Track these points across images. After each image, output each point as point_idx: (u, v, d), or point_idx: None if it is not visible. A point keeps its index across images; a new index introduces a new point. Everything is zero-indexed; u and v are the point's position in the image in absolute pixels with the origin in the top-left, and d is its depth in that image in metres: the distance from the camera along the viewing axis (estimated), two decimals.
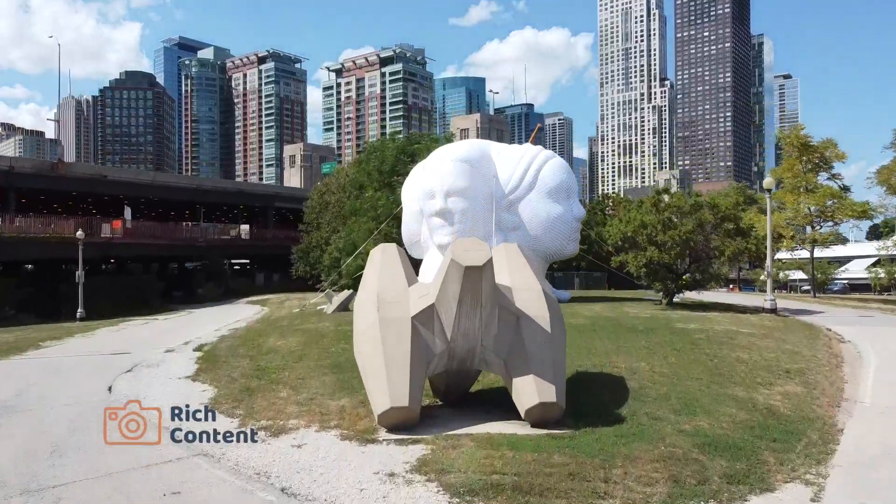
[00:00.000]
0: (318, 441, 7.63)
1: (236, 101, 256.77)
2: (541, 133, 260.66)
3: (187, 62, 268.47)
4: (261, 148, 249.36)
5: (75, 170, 50.90)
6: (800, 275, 46.85)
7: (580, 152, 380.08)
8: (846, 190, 29.49)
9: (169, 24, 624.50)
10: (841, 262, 57.92)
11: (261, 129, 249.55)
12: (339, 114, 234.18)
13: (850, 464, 7.04)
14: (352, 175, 43.04)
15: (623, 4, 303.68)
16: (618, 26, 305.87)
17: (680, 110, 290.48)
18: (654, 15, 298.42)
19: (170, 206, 63.21)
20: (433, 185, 25.24)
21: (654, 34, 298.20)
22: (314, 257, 46.23)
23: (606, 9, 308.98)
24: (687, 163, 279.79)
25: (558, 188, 25.41)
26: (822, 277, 37.62)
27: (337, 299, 22.75)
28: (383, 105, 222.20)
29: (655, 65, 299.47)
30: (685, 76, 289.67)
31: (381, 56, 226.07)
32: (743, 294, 29.16)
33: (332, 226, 45.00)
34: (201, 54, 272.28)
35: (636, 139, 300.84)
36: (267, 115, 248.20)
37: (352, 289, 40.40)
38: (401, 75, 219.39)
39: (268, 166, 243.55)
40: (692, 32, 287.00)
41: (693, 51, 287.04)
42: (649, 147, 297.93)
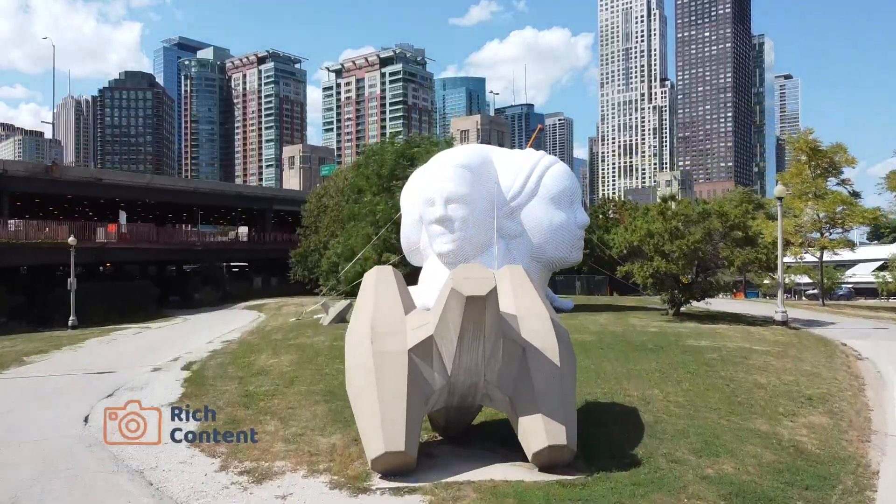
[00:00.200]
0: (304, 490, 6.93)
1: (236, 101, 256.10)
2: (541, 134, 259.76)
3: (187, 62, 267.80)
4: (260, 148, 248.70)
5: (70, 173, 50.22)
6: (804, 279, 46.16)
7: (580, 152, 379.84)
8: (856, 196, 28.87)
9: (169, 24, 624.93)
10: (846, 266, 57.16)
11: (260, 129, 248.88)
12: (338, 114, 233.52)
13: None
14: (350, 179, 42.33)
15: (623, 4, 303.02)
16: (618, 26, 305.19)
17: (680, 111, 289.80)
18: (655, 15, 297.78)
19: (167, 208, 62.57)
20: (433, 191, 24.51)
21: (655, 34, 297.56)
22: (312, 261, 45.56)
23: (607, 9, 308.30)
24: (687, 163, 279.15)
25: (561, 195, 24.70)
26: (829, 283, 36.89)
27: (333, 310, 22.07)
28: (383, 105, 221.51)
29: (656, 65, 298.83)
30: (686, 76, 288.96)
31: (381, 56, 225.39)
32: (748, 302, 28.41)
33: (330, 230, 44.33)
34: (201, 54, 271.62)
35: (636, 139, 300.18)
36: (266, 116, 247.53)
37: (350, 295, 40.04)
38: (401, 75, 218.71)
39: (267, 167, 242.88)
40: (693, 32, 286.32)
41: (693, 51, 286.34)
42: (650, 147, 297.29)
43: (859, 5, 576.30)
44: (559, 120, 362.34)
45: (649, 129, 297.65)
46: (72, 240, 31.06)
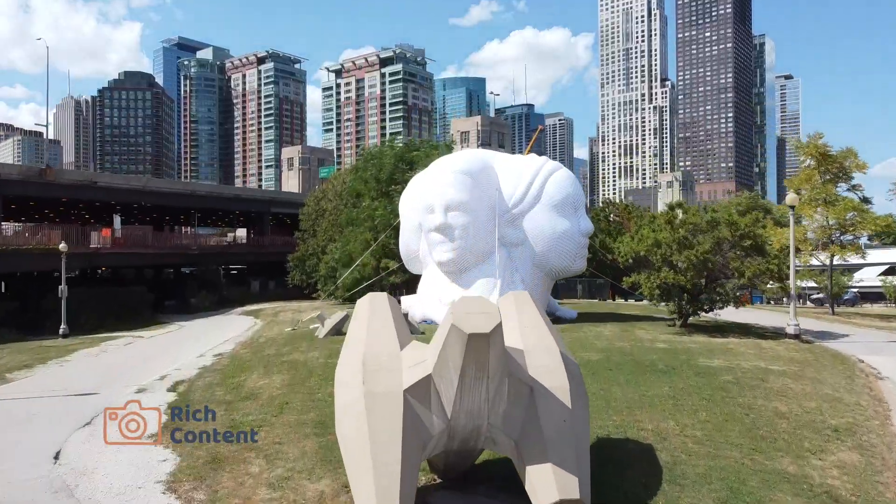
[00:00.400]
0: None
1: (235, 101, 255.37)
2: (541, 134, 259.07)
3: (186, 62, 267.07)
4: (260, 149, 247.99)
5: (64, 176, 49.45)
6: (809, 283, 45.41)
7: (581, 153, 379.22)
8: (866, 202, 28.13)
9: (169, 24, 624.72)
10: (851, 271, 56.51)
11: (260, 129, 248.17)
12: (338, 115, 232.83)
13: None
14: (348, 182, 41.60)
15: (624, 4, 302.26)
16: (618, 26, 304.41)
17: (681, 111, 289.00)
18: (655, 15, 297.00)
19: (164, 211, 61.83)
20: (432, 198, 23.83)
21: (655, 34, 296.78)
22: (310, 266, 44.86)
23: (607, 9, 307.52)
24: (688, 164, 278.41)
25: (564, 201, 24.01)
26: (836, 289, 36.17)
27: (329, 322, 21.33)
28: (383, 106, 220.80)
29: (656, 65, 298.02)
30: (686, 76, 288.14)
31: (381, 56, 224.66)
32: (755, 309, 27.60)
33: (328, 234, 43.63)
34: (200, 54, 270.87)
35: (637, 140, 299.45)
36: (266, 116, 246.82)
37: (349, 301, 39.32)
38: (401, 76, 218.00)
39: (267, 167, 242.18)
40: (693, 33, 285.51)
41: (694, 51, 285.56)
42: (650, 148, 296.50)
43: (861, 5, 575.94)
44: (559, 120, 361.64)
45: (650, 130, 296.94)
46: (62, 246, 30.32)
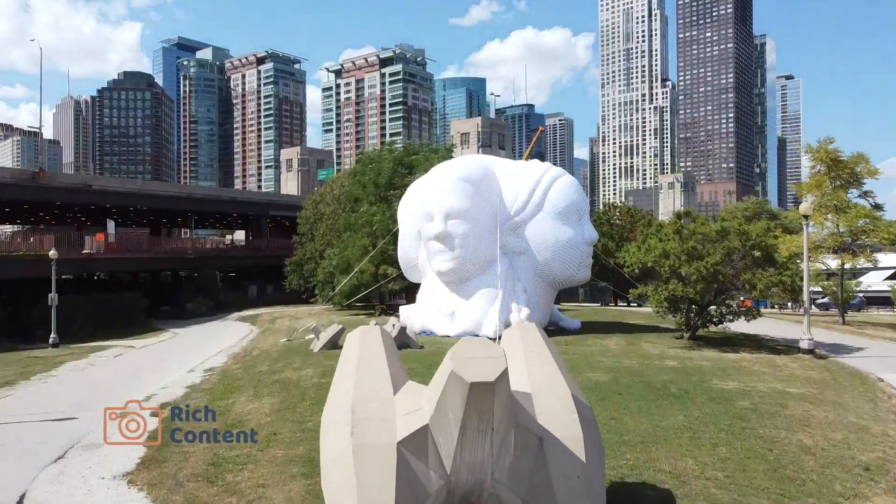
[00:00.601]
0: None
1: (235, 101, 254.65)
2: (542, 135, 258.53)
3: (186, 62, 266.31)
4: (259, 149, 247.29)
5: (58, 179, 48.74)
6: (815, 287, 44.62)
7: (581, 153, 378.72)
8: (879, 208, 27.34)
9: (169, 24, 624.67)
10: (855, 275, 55.73)
11: (259, 130, 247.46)
12: (338, 115, 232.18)
13: None
14: (346, 186, 40.82)
15: (624, 4, 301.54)
16: (619, 26, 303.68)
17: (681, 111, 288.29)
18: (656, 15, 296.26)
19: (160, 214, 61.10)
20: (432, 205, 23.10)
21: (656, 34, 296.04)
22: (308, 270, 44.10)
23: (607, 9, 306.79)
24: (688, 164, 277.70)
25: (568, 209, 23.27)
26: (845, 296, 35.35)
27: (325, 335, 20.57)
28: (383, 106, 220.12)
29: (657, 65, 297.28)
30: (687, 77, 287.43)
31: (381, 57, 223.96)
32: (764, 320, 26.57)
33: (326, 238, 42.88)
34: (200, 55, 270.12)
35: (637, 140, 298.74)
36: (266, 117, 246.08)
37: (347, 309, 38.62)
38: (400, 76, 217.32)
39: (266, 168, 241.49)
40: (694, 33, 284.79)
41: (695, 51, 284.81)
42: (650, 148, 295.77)
43: (861, 6, 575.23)
44: (559, 120, 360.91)
45: (650, 130, 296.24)
46: (52, 253, 29.52)
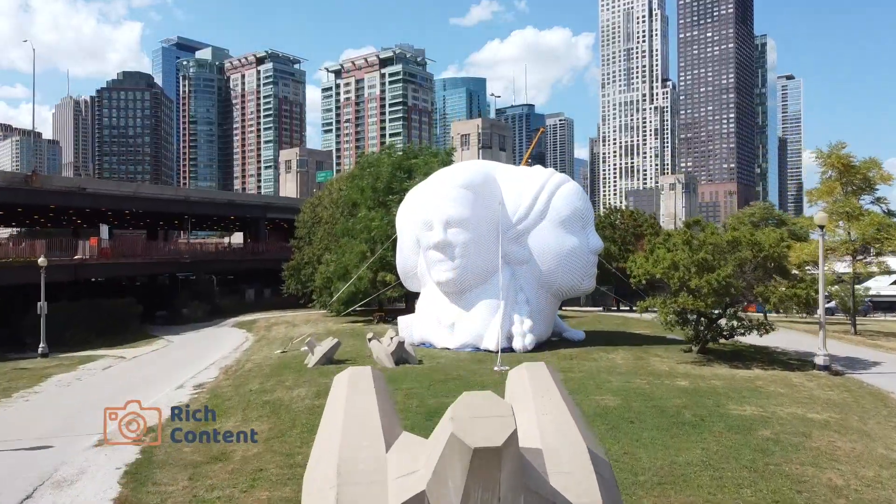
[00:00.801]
0: None
1: (234, 102, 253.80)
2: (542, 135, 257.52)
3: (185, 63, 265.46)
4: (259, 149, 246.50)
5: (51, 183, 47.87)
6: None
7: (581, 153, 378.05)
8: (892, 215, 26.54)
9: (169, 24, 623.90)
10: (861, 280, 54.93)
11: (259, 130, 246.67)
12: (338, 115, 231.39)
13: None
14: (344, 190, 40.01)
15: (625, 4, 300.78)
16: (619, 26, 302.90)
17: (682, 111, 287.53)
18: (657, 15, 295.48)
19: (156, 217, 60.31)
20: (431, 214, 22.33)
21: (657, 34, 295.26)
22: (305, 275, 43.32)
23: (608, 9, 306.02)
24: (689, 164, 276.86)
25: (572, 217, 22.48)
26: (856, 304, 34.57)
27: (319, 349, 19.81)
28: (383, 106, 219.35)
29: (657, 65, 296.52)
30: (687, 77, 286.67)
31: (381, 57, 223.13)
32: (775, 333, 25.65)
33: (324, 243, 42.10)
34: (199, 55, 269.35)
35: (638, 140, 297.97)
36: (265, 117, 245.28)
37: (345, 316, 37.85)
38: (400, 76, 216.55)
39: (266, 168, 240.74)
40: (695, 33, 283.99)
41: (695, 51, 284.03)
42: (651, 148, 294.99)
43: (862, 6, 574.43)
44: (560, 120, 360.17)
45: (651, 130, 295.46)
46: (41, 260, 28.76)
